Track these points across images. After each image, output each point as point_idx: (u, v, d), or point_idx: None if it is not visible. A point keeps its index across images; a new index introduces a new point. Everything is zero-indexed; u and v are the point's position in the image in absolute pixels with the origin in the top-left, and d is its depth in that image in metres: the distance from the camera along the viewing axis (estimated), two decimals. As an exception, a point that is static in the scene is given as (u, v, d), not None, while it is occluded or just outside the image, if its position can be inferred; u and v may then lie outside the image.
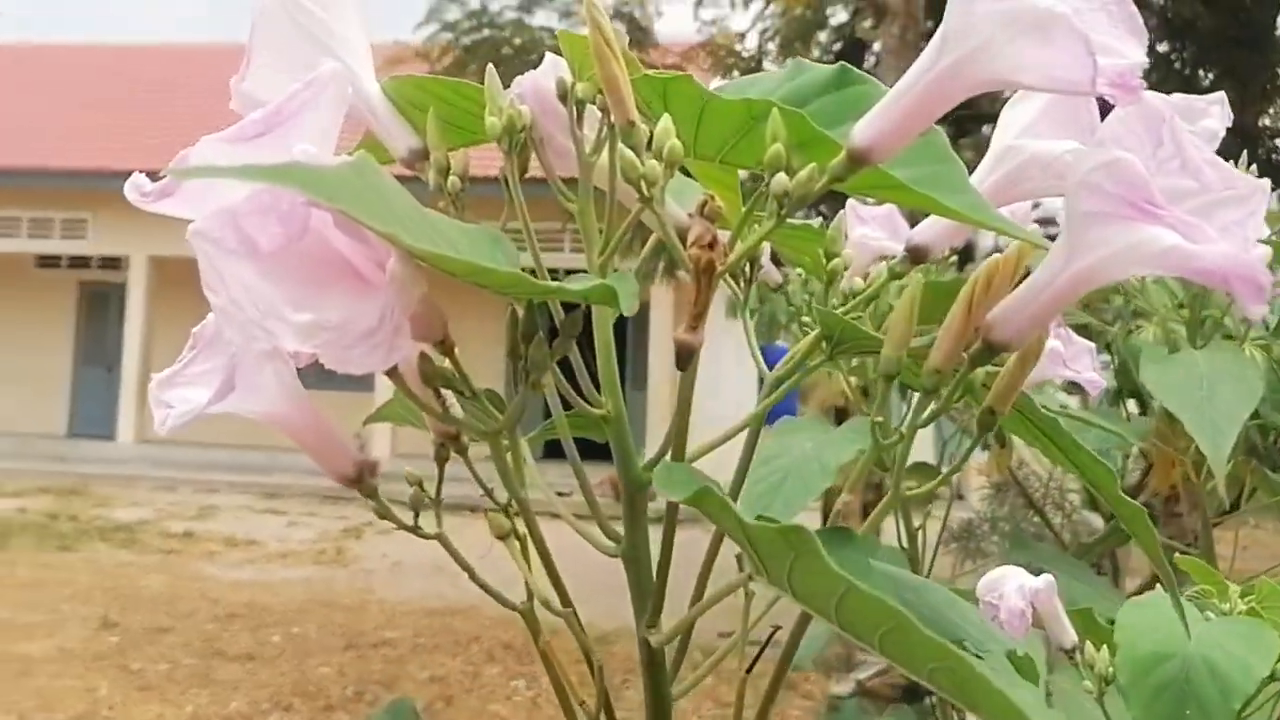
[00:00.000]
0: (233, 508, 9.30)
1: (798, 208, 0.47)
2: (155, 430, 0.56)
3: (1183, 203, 0.40)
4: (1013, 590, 0.90)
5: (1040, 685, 0.72)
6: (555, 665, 0.63)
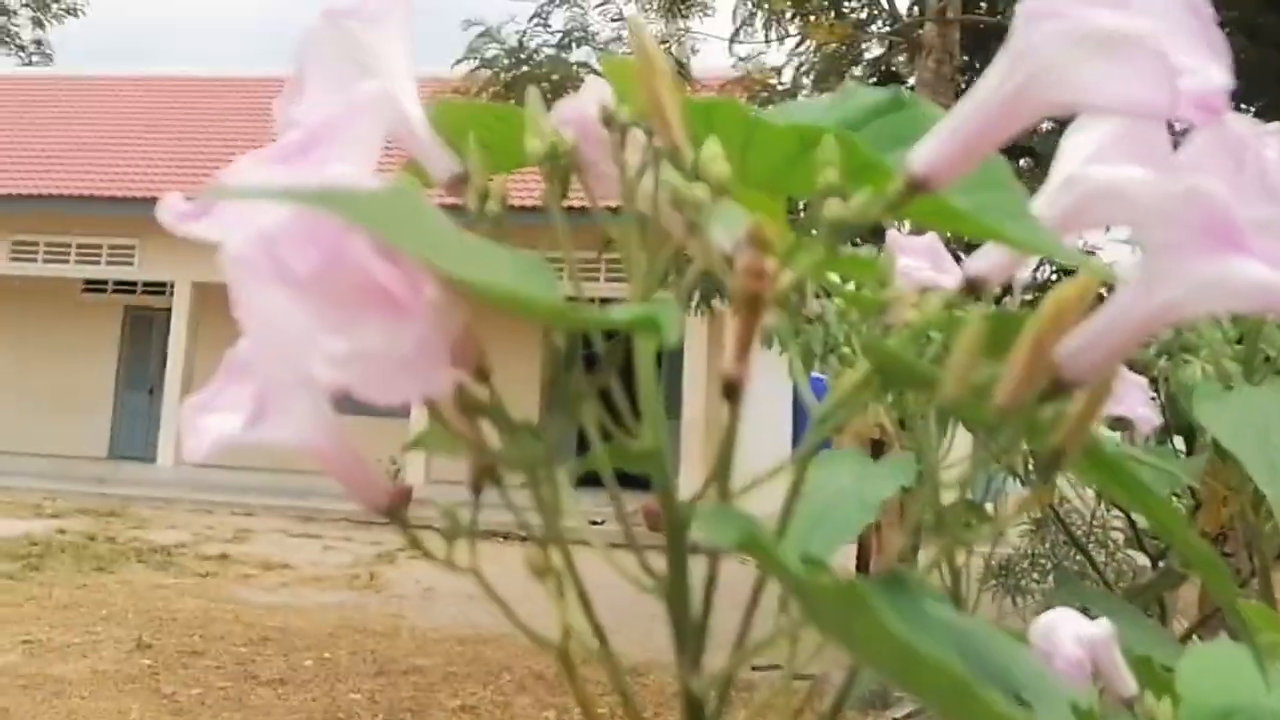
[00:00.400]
0: (268, 531, 9.33)
1: (852, 236, 0.45)
2: (185, 458, 0.54)
3: (1267, 233, 0.38)
4: (1069, 637, 0.86)
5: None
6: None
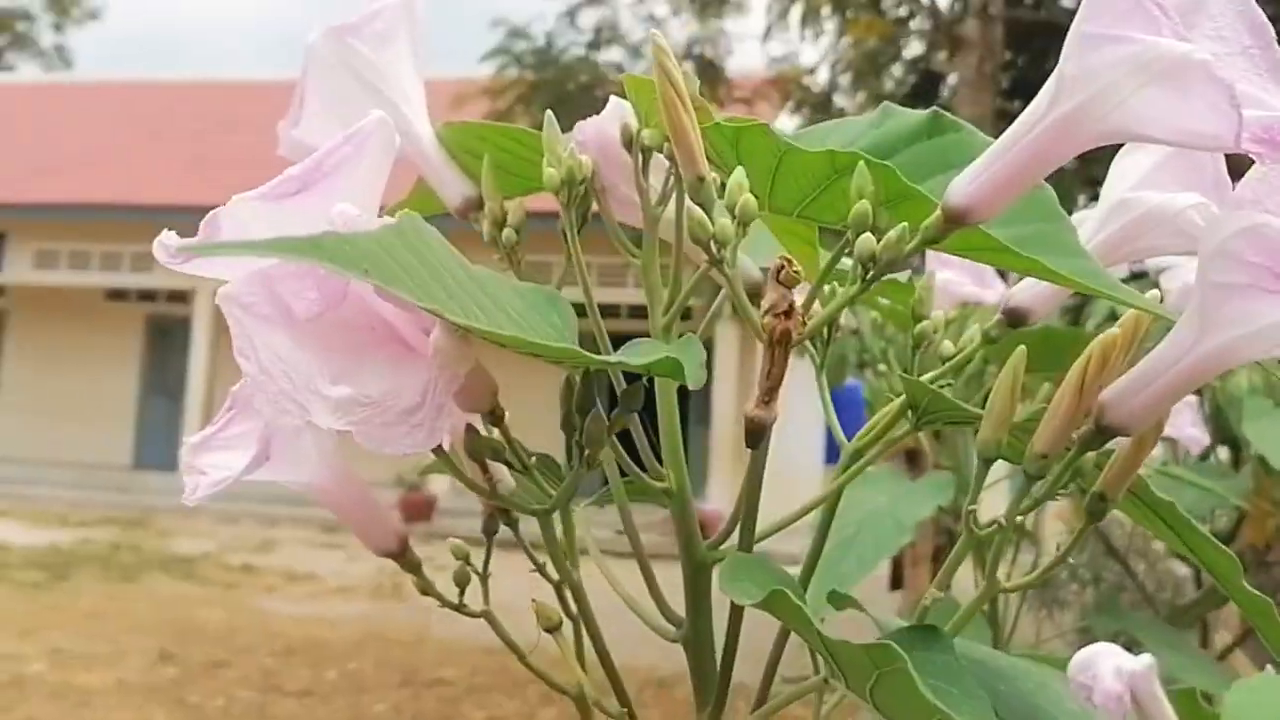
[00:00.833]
0: (292, 541, 9.32)
1: (885, 272, 0.42)
2: (184, 500, 0.52)
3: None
4: (1109, 672, 0.83)
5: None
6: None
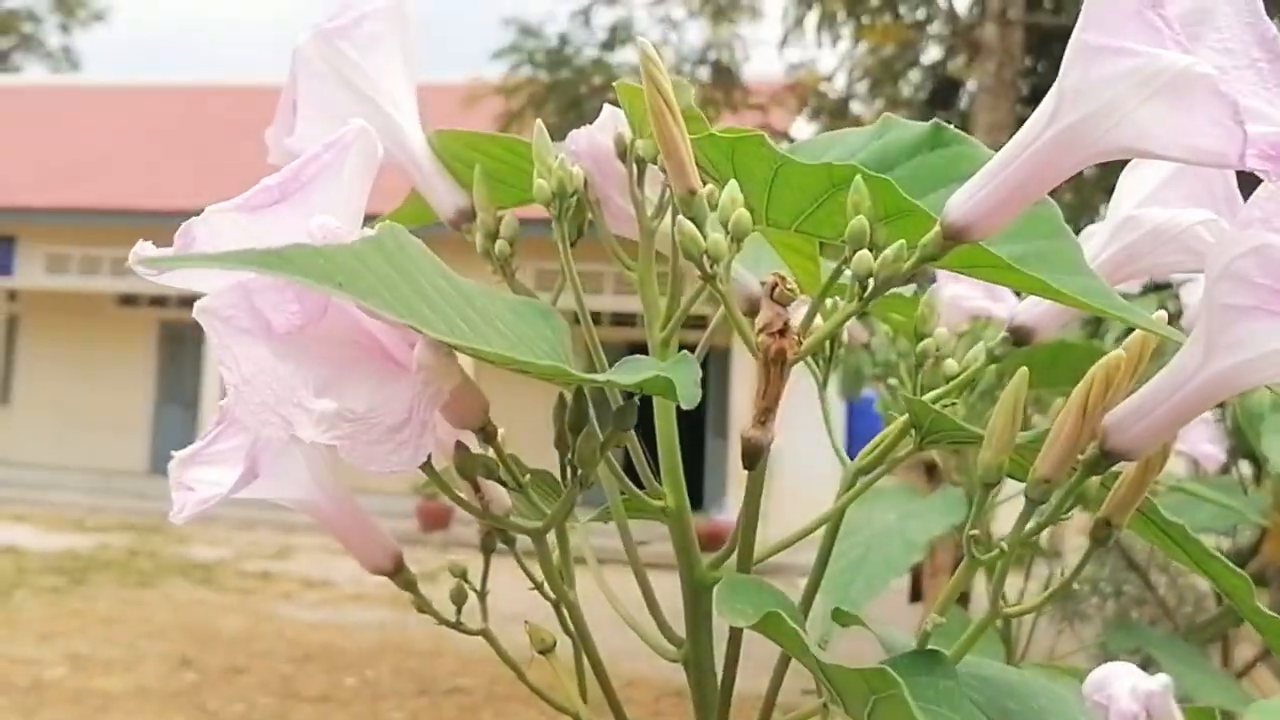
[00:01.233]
0: (310, 548, 9.32)
1: (883, 290, 0.41)
2: (171, 519, 0.51)
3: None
4: (1124, 692, 0.82)
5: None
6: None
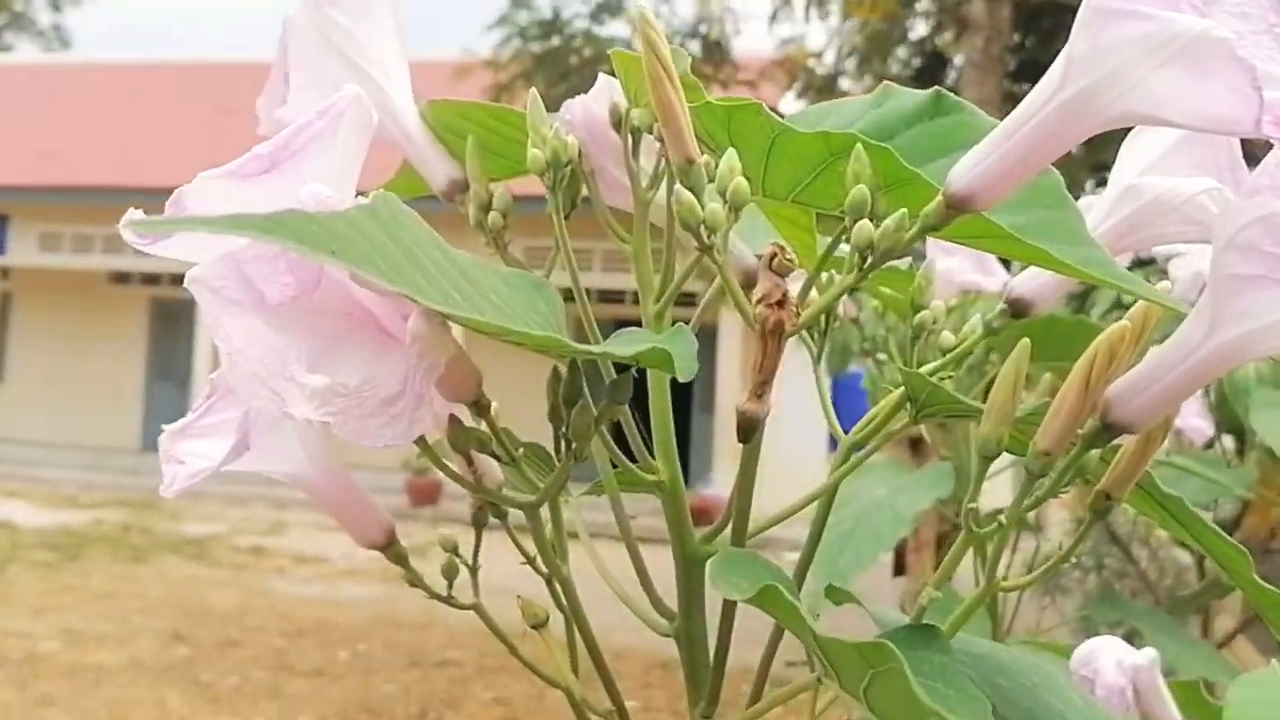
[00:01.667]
0: (302, 524, 9.31)
1: (884, 260, 0.40)
2: (161, 492, 0.51)
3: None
4: (1110, 665, 0.82)
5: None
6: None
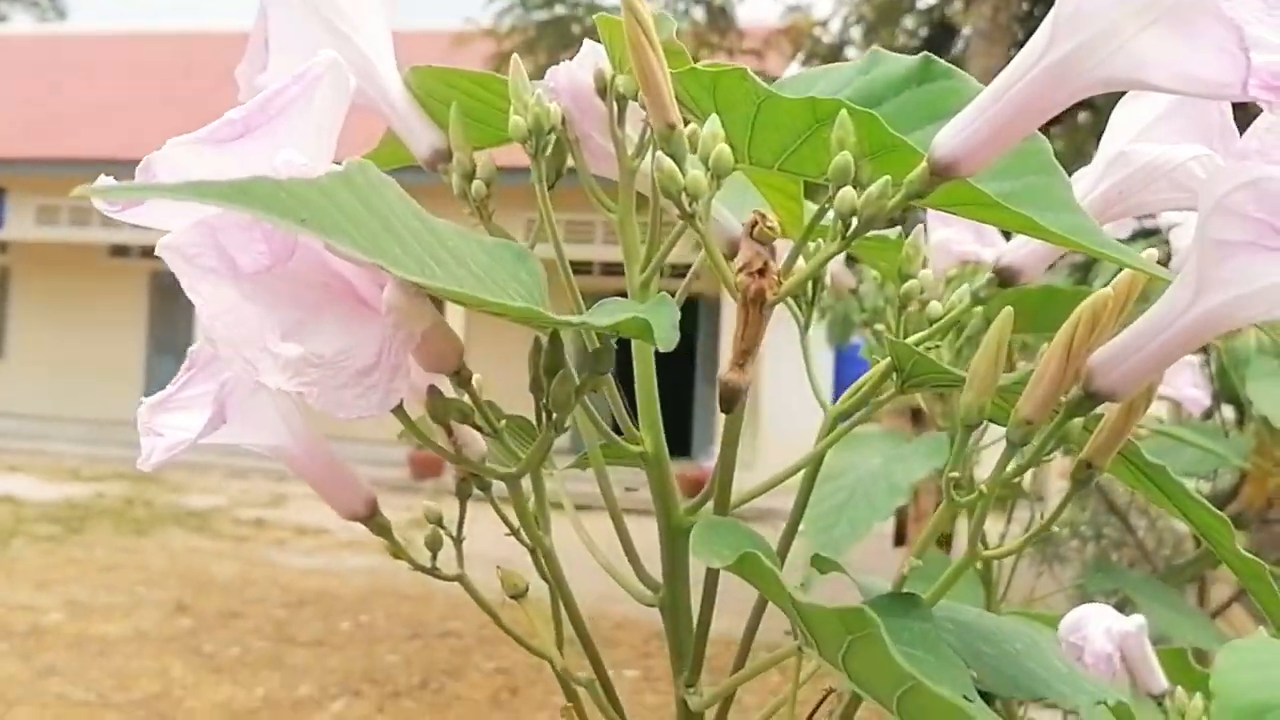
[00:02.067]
0: (302, 496, 9.31)
1: (867, 228, 0.40)
2: (139, 466, 0.50)
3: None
4: (1099, 633, 0.82)
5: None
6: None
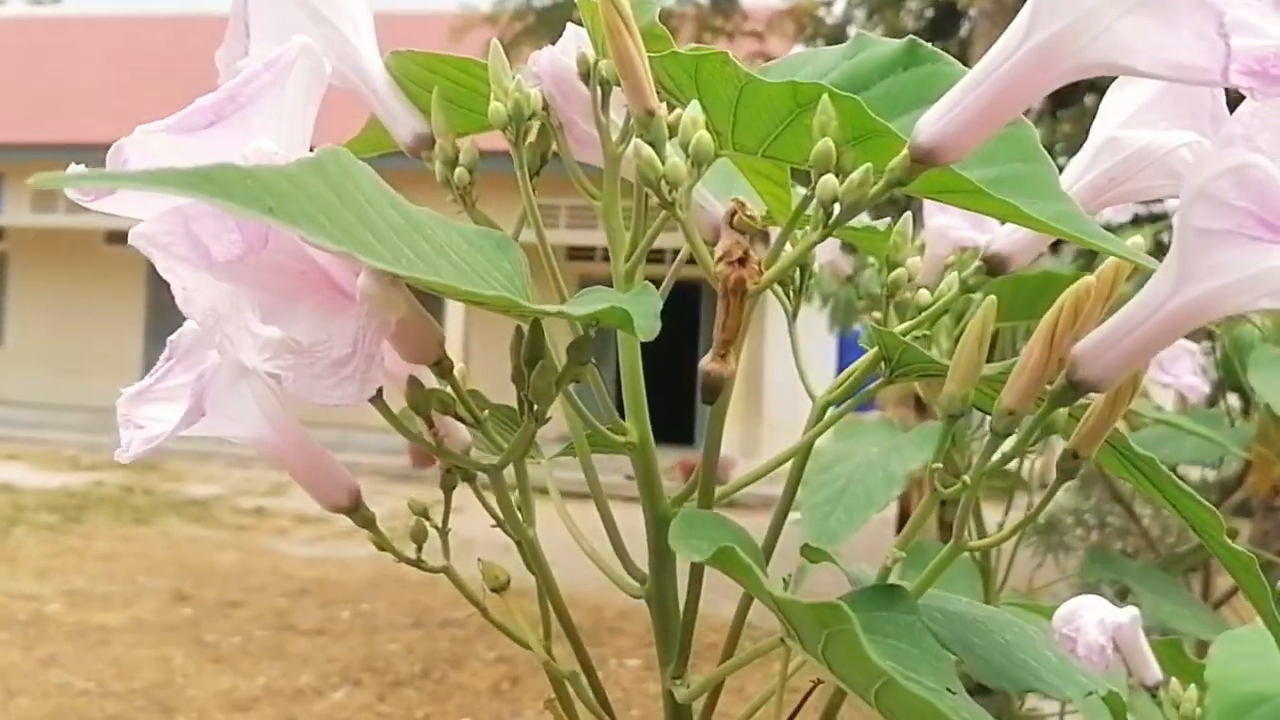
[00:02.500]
0: (302, 485, 9.36)
1: (849, 216, 0.39)
2: (117, 458, 0.50)
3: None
4: (1092, 624, 0.81)
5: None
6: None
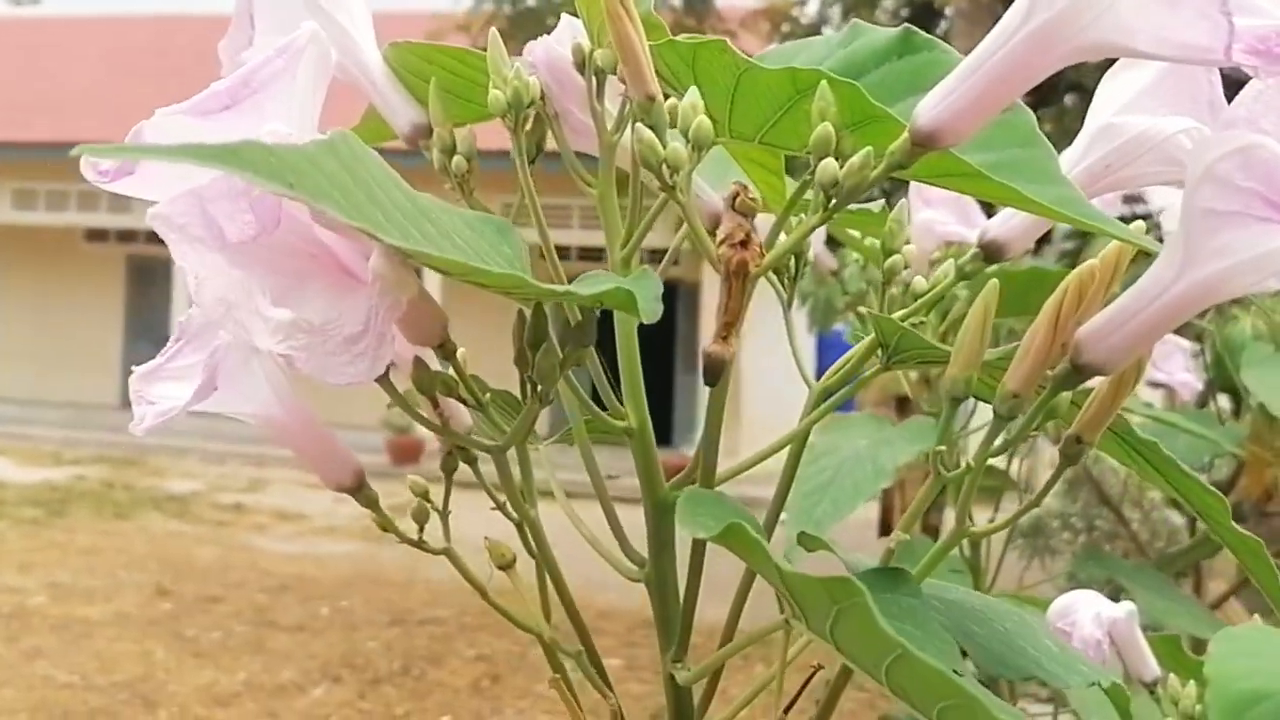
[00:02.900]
0: (282, 481, 9.30)
1: (849, 200, 0.40)
2: (130, 430, 0.50)
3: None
4: (1088, 619, 0.82)
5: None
6: (570, 699, 0.57)
